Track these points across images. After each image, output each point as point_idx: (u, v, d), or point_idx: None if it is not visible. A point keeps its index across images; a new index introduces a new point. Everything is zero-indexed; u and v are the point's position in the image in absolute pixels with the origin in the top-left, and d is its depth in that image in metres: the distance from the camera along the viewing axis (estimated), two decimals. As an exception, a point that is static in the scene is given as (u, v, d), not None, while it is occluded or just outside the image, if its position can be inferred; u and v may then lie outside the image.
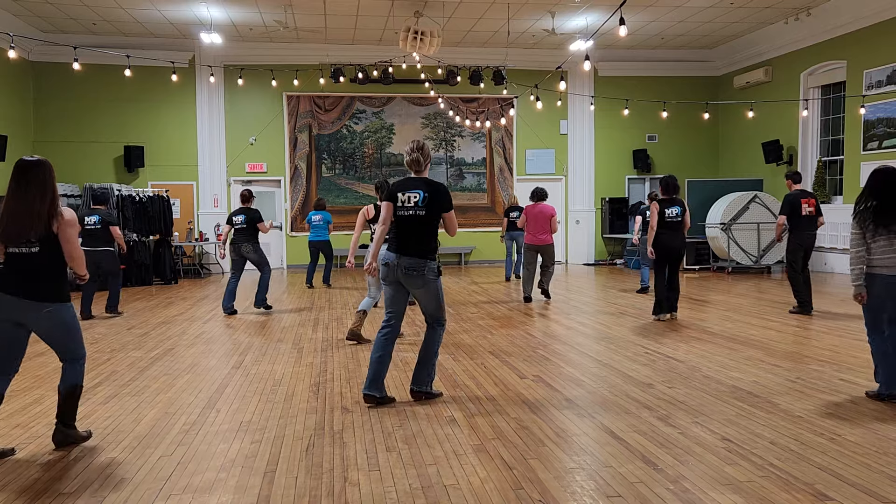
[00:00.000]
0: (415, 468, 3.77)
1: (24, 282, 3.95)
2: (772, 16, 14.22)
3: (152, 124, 15.72)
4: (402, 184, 5.10)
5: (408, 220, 4.97)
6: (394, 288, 5.06)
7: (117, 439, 4.33)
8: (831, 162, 14.40)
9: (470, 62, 16.10)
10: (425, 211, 4.94)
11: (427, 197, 4.95)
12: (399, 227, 5.02)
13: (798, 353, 6.57)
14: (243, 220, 9.64)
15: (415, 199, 4.96)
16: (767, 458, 3.83)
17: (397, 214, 5.02)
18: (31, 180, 3.93)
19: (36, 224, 3.91)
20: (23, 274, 3.96)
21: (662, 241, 8.52)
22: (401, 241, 4.97)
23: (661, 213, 8.50)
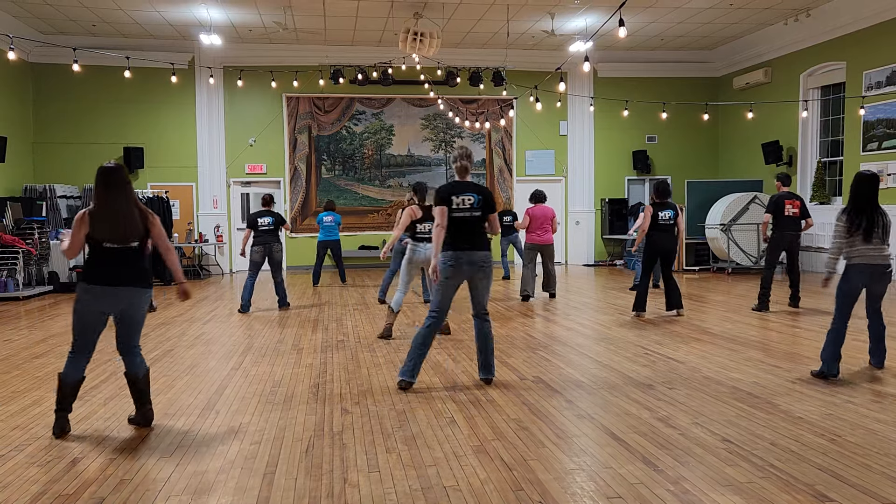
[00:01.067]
0: (415, 469, 3.77)
1: (131, 272, 4.42)
2: (771, 17, 14.23)
3: (152, 125, 15.72)
4: (455, 187, 5.48)
5: (465, 220, 5.42)
6: (455, 284, 5.44)
7: (117, 440, 4.32)
8: (831, 163, 14.41)
9: (469, 63, 16.11)
10: (480, 212, 5.45)
11: (481, 199, 5.48)
12: (457, 226, 5.41)
13: (798, 353, 6.56)
14: (271, 222, 9.99)
15: (470, 202, 5.43)
16: (768, 459, 3.83)
17: (452, 216, 5.39)
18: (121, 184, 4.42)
19: (140, 222, 4.44)
20: (126, 265, 4.41)
21: (655, 241, 8.82)
22: (468, 239, 5.41)
23: (655, 215, 8.75)
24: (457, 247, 5.38)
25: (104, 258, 4.39)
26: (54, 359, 6.80)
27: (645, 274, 8.97)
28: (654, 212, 8.80)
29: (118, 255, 4.40)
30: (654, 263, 9.00)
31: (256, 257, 9.88)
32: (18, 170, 14.34)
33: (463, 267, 5.37)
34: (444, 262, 5.39)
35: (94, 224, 4.35)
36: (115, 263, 4.40)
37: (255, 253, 9.88)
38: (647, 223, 8.80)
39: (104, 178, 4.39)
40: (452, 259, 5.36)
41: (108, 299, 4.39)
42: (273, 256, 9.96)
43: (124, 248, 4.41)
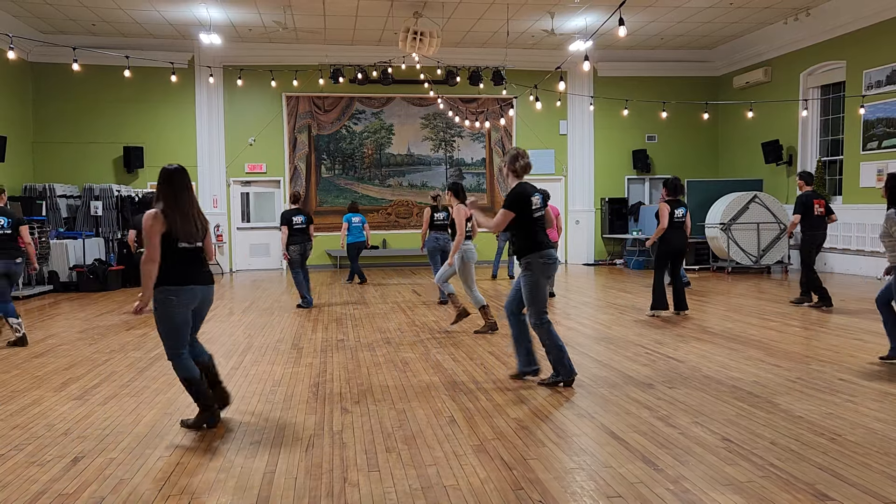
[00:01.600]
0: (414, 469, 3.77)
1: (203, 270, 4.59)
2: (771, 16, 14.22)
3: (151, 125, 15.71)
4: (530, 188, 5.58)
5: (540, 219, 5.54)
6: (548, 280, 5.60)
7: (116, 440, 4.32)
8: (831, 162, 14.40)
9: (469, 62, 16.10)
10: (542, 211, 5.59)
11: (543, 198, 5.60)
12: (539, 226, 5.54)
13: (798, 352, 6.56)
14: (304, 220, 10.19)
15: (539, 202, 5.55)
16: (768, 459, 3.82)
17: (534, 216, 5.50)
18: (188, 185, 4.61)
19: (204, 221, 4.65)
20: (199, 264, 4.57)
21: (669, 240, 8.75)
22: (545, 238, 5.55)
23: (672, 213, 8.68)
24: (548, 245, 5.53)
25: (182, 257, 4.46)
26: (54, 358, 6.80)
27: (660, 271, 8.88)
28: (671, 209, 8.72)
29: (192, 253, 4.52)
30: (668, 262, 8.90)
31: (296, 256, 10.12)
32: (18, 169, 14.33)
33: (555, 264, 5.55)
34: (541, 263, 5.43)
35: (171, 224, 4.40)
36: (192, 263, 4.52)
37: (293, 252, 10.09)
38: (665, 221, 8.70)
39: (173, 179, 4.53)
40: (553, 257, 5.53)
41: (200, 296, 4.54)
42: (306, 255, 10.24)
43: (196, 247, 4.54)
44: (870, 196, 12.92)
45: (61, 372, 6.22)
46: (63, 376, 6.06)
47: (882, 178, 12.61)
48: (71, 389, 5.59)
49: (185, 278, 4.45)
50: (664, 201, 8.86)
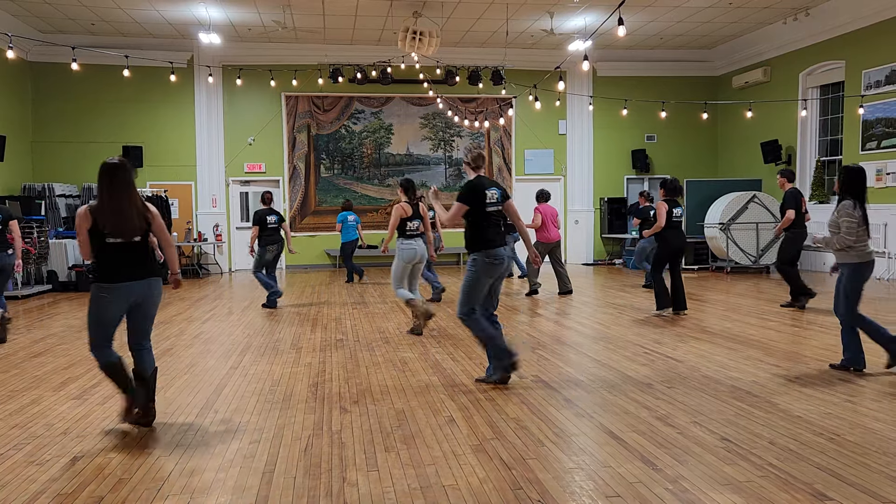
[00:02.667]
0: (413, 468, 3.77)
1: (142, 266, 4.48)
2: (770, 16, 14.22)
3: (151, 124, 15.71)
4: (485, 183, 5.42)
5: (495, 214, 5.40)
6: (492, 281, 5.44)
7: (115, 439, 4.32)
8: (830, 162, 14.41)
9: (468, 62, 16.10)
10: (502, 206, 5.44)
11: (502, 193, 5.45)
12: (493, 222, 5.36)
13: (797, 352, 6.57)
14: (277, 220, 10.21)
15: (496, 196, 5.39)
16: (766, 458, 3.83)
17: (487, 210, 5.33)
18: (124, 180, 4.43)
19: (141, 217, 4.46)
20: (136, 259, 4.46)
21: (669, 239, 8.77)
22: (498, 234, 5.38)
23: (670, 213, 8.74)
24: (498, 243, 5.36)
25: (112, 254, 4.41)
26: (53, 358, 6.80)
27: (658, 271, 8.91)
28: (669, 209, 8.76)
29: (125, 250, 4.43)
30: (667, 262, 8.93)
31: (270, 256, 10.13)
32: (17, 169, 14.33)
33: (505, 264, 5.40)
34: (486, 261, 5.32)
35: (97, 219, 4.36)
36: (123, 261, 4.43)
37: (268, 252, 10.09)
38: (662, 220, 8.74)
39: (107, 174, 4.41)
40: (500, 255, 5.35)
41: (132, 294, 4.45)
42: (280, 254, 10.28)
43: (131, 243, 4.45)
44: (869, 196, 12.87)
45: (60, 371, 6.22)
46: (62, 376, 6.05)
47: (881, 179, 12.63)
48: (70, 389, 5.59)
49: (116, 275, 4.39)
50: (664, 200, 8.88)
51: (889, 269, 12.45)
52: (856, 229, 5.63)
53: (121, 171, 4.43)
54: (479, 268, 5.33)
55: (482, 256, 5.32)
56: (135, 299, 4.47)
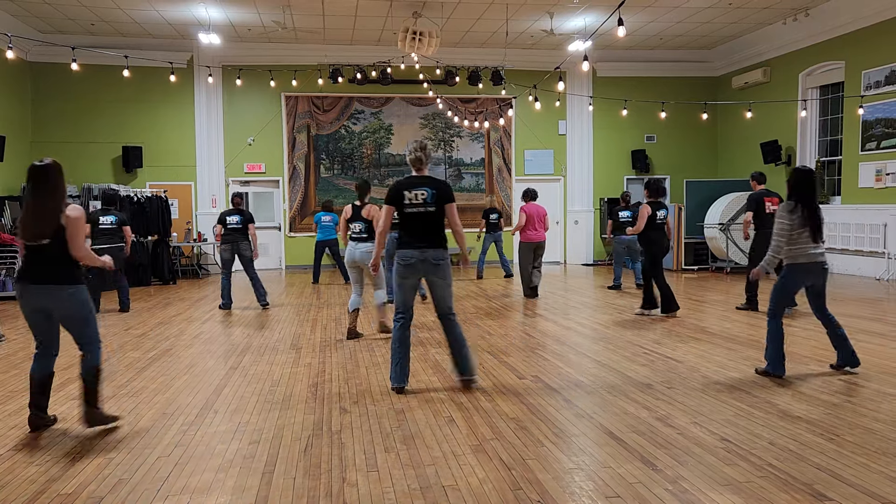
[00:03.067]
0: (413, 469, 3.77)
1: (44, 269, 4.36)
2: (770, 16, 14.23)
3: (150, 125, 15.70)
4: (408, 183, 5.25)
5: (418, 216, 5.19)
6: (412, 284, 5.29)
7: (115, 440, 4.32)
8: (829, 162, 14.42)
9: (468, 62, 16.10)
10: (434, 206, 5.20)
11: (435, 193, 5.20)
12: (411, 223, 5.21)
13: (796, 353, 6.56)
14: (239, 221, 10.15)
15: (423, 196, 5.18)
16: (766, 459, 3.83)
17: (405, 212, 5.19)
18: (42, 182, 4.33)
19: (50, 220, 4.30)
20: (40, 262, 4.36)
21: (654, 240, 8.79)
22: (417, 236, 5.19)
23: (653, 215, 8.68)
24: (407, 244, 5.22)
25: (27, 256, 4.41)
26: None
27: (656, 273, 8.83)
28: (653, 211, 8.76)
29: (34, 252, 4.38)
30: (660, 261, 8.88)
31: (226, 255, 10.22)
32: (17, 169, 14.31)
33: (418, 265, 5.18)
34: (397, 262, 5.27)
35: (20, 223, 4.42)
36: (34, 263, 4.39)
37: (224, 251, 10.20)
38: (642, 223, 8.75)
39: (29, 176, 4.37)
40: (405, 257, 5.20)
41: (32, 297, 4.43)
42: (242, 254, 10.14)
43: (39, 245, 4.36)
44: (868, 196, 12.93)
45: (59, 372, 6.19)
46: (61, 376, 6.04)
47: (881, 179, 12.63)
48: (69, 390, 5.59)
49: (21, 276, 4.42)
50: (647, 202, 8.88)
51: (889, 269, 12.45)
52: (788, 232, 5.51)
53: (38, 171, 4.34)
54: (395, 269, 5.29)
55: (397, 258, 5.27)
56: (41, 305, 4.44)
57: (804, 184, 5.59)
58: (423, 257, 5.17)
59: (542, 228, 10.85)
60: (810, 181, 5.60)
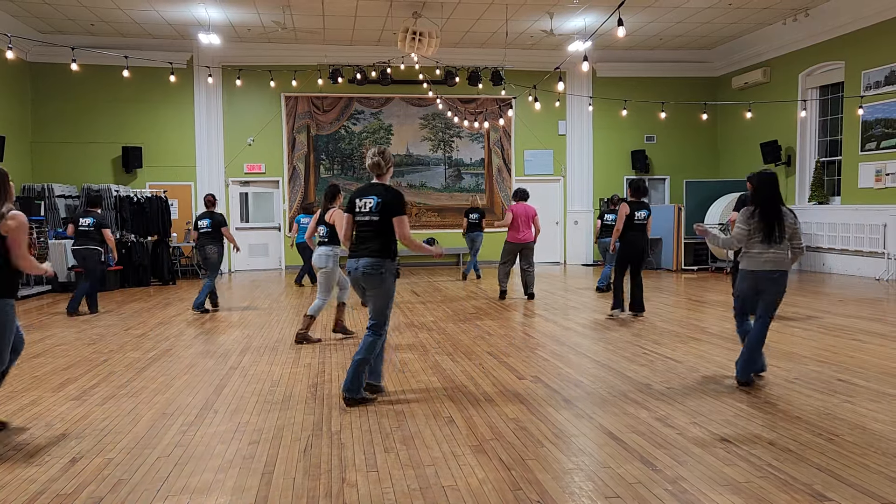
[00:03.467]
0: (413, 469, 3.77)
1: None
2: (770, 16, 14.23)
3: (150, 125, 15.71)
4: (361, 190, 5.18)
5: (364, 224, 5.07)
6: (360, 292, 5.16)
7: (115, 440, 4.32)
8: (829, 162, 14.42)
9: (468, 63, 16.10)
10: (378, 216, 5.00)
11: (380, 202, 5.00)
12: (357, 231, 5.15)
13: (796, 353, 6.57)
14: (209, 224, 9.90)
15: (370, 205, 5.03)
16: (766, 459, 3.83)
17: (356, 220, 5.13)
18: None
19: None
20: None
21: (629, 240, 8.78)
22: (359, 244, 5.09)
23: (631, 215, 8.72)
24: (351, 253, 5.14)
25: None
26: (52, 358, 6.80)
27: (620, 273, 8.90)
28: (631, 211, 8.75)
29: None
30: (628, 264, 8.86)
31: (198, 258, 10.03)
32: (17, 169, 14.32)
33: (355, 273, 5.07)
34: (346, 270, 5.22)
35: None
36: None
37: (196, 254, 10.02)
38: (620, 223, 8.74)
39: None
40: (347, 267, 5.15)
41: None
42: (208, 258, 9.83)
43: None
44: (868, 196, 12.93)
45: (59, 372, 6.22)
46: (61, 376, 6.05)
47: (881, 179, 12.63)
48: (69, 390, 5.59)
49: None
50: (626, 201, 8.90)
51: (889, 270, 12.45)
52: (744, 237, 5.39)
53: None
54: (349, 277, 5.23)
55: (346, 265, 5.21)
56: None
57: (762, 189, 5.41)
58: (356, 265, 5.02)
59: (528, 229, 10.53)
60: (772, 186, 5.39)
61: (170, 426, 4.60)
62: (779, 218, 5.34)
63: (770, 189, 5.38)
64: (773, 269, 5.33)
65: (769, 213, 5.33)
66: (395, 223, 5.00)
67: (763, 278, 5.36)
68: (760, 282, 5.38)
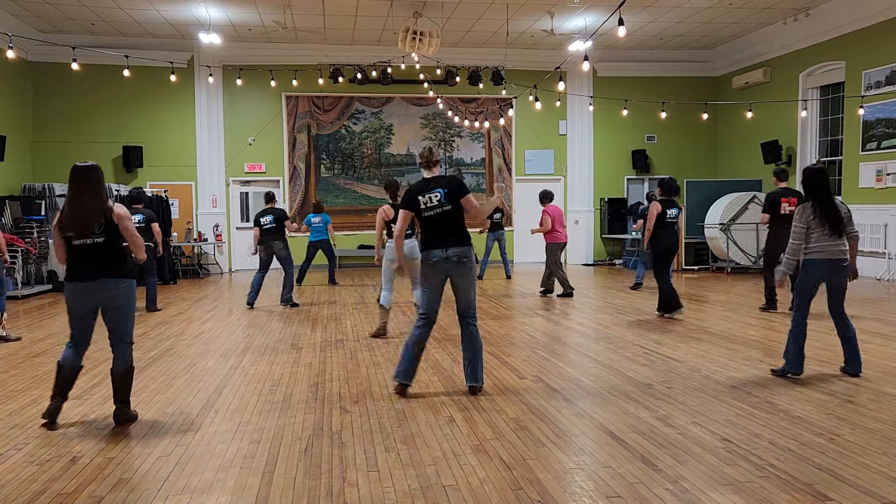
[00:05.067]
0: (414, 468, 3.77)
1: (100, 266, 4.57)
2: (771, 16, 14.23)
3: (151, 124, 15.71)
4: (419, 188, 5.33)
5: (439, 216, 5.24)
6: (439, 284, 5.27)
7: (115, 439, 4.32)
8: (830, 162, 14.41)
9: (469, 62, 16.10)
10: (450, 205, 5.24)
11: (447, 191, 5.25)
12: (428, 224, 5.27)
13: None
14: (272, 220, 10.21)
15: (437, 198, 5.24)
16: (767, 459, 3.83)
17: (423, 216, 5.26)
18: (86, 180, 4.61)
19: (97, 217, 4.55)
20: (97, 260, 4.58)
21: (664, 239, 8.71)
22: (437, 235, 5.22)
23: (663, 213, 8.61)
24: (431, 245, 5.23)
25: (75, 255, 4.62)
26: (53, 358, 6.80)
27: (662, 273, 8.76)
28: (663, 210, 8.72)
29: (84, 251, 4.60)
30: (666, 262, 8.80)
31: (263, 256, 10.27)
32: (17, 168, 14.33)
33: (442, 264, 5.19)
34: (423, 263, 5.28)
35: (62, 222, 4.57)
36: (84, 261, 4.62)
37: (260, 251, 10.26)
38: (651, 221, 8.71)
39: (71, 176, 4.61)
40: (430, 258, 5.22)
41: (88, 294, 4.61)
42: (278, 254, 10.21)
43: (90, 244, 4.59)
44: (869, 196, 12.92)
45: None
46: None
47: (881, 179, 12.63)
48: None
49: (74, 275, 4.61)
50: (658, 200, 8.85)
51: (889, 270, 12.45)
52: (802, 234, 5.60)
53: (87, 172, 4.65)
54: (423, 270, 5.30)
55: (423, 258, 5.30)
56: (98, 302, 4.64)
57: (811, 182, 5.68)
58: (445, 255, 5.19)
59: (563, 228, 11.05)
60: (818, 179, 5.68)
61: (170, 426, 4.60)
62: (836, 208, 5.60)
63: (824, 182, 5.66)
64: (843, 258, 5.57)
65: (828, 205, 5.60)
66: (465, 202, 5.26)
67: (837, 265, 5.56)
68: (834, 269, 5.56)
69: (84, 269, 4.58)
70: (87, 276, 4.56)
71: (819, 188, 5.66)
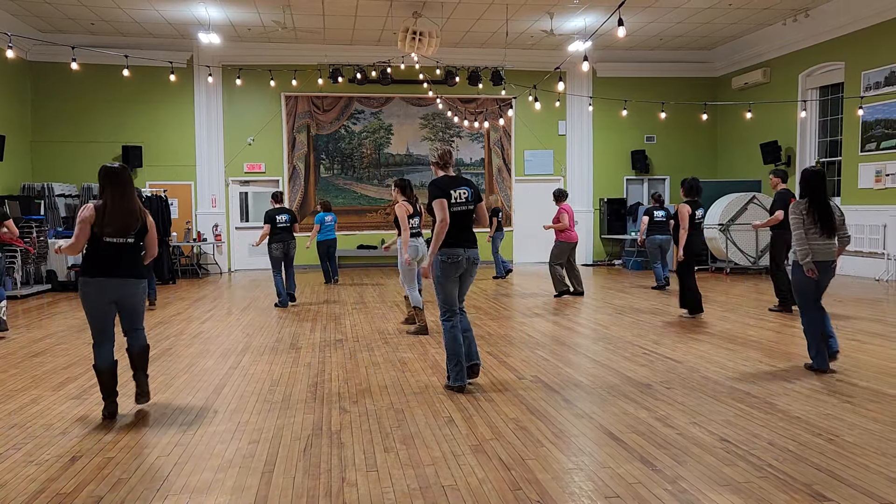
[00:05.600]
0: (413, 468, 3.77)
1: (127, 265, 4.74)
2: (770, 17, 14.24)
3: (150, 124, 15.70)
4: (452, 181, 5.41)
5: (463, 214, 5.34)
6: (457, 280, 5.38)
7: (115, 439, 4.32)
8: (829, 163, 14.42)
9: (468, 63, 16.10)
10: (473, 205, 5.41)
11: (474, 192, 5.43)
12: (457, 221, 5.31)
13: (796, 353, 6.57)
14: (288, 219, 10.33)
15: (465, 195, 5.36)
16: (766, 459, 3.83)
17: (452, 210, 5.30)
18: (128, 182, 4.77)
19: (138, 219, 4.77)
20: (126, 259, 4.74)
21: (691, 241, 8.73)
22: (461, 234, 5.32)
23: (693, 215, 8.62)
24: (453, 242, 5.30)
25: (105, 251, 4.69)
26: (52, 358, 6.80)
27: (692, 274, 8.73)
28: (692, 211, 8.69)
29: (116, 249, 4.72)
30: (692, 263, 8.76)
31: (277, 254, 10.27)
32: (17, 168, 14.33)
33: (463, 263, 5.33)
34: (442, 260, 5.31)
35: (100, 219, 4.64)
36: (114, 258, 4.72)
37: (274, 250, 10.26)
38: (685, 223, 8.61)
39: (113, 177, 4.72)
40: (450, 256, 5.29)
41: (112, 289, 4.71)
42: (289, 253, 10.34)
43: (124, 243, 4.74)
44: (868, 197, 12.93)
45: (59, 371, 6.22)
46: (61, 375, 6.05)
47: (881, 180, 12.63)
48: (69, 389, 5.59)
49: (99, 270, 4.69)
50: (686, 202, 8.82)
51: (888, 270, 12.45)
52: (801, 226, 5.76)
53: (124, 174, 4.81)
54: (440, 267, 5.31)
55: (440, 256, 5.30)
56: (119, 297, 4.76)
57: (810, 183, 5.81)
58: (468, 255, 5.34)
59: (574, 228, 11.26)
60: (816, 181, 5.81)
61: (170, 426, 4.60)
62: (830, 210, 5.76)
63: (821, 184, 5.81)
64: (832, 260, 5.77)
65: (823, 206, 5.75)
66: (479, 207, 5.46)
67: (825, 266, 5.72)
68: (821, 270, 5.69)
69: (112, 266, 4.69)
70: (114, 274, 4.69)
71: (817, 189, 5.80)
